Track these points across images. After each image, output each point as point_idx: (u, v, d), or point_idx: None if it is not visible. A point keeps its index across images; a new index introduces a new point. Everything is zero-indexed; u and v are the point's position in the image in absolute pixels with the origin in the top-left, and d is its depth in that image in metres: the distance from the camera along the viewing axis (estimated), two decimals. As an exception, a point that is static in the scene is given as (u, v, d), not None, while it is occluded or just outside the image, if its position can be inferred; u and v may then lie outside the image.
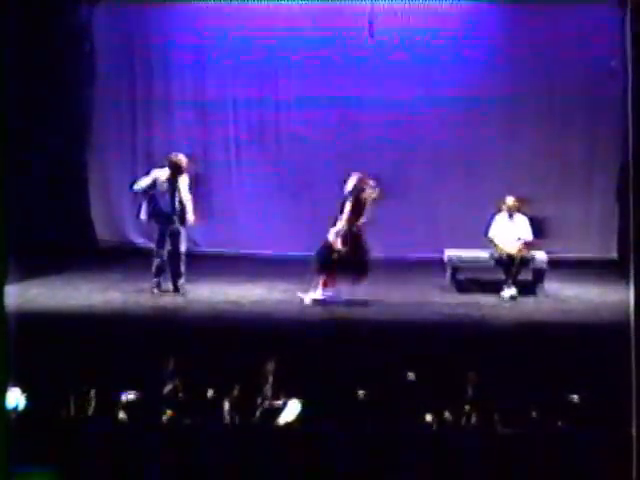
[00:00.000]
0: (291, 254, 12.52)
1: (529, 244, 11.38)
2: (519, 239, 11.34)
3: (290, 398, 6.24)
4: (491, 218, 11.44)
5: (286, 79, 13.62)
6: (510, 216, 11.39)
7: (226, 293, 10.98)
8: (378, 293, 11.02)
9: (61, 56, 13.27)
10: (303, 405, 6.15)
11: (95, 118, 13.81)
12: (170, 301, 10.61)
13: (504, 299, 10.90)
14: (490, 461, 5.49)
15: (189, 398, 6.32)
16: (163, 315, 10.06)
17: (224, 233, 13.72)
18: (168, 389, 6.46)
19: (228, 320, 9.87)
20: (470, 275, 11.65)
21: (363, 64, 13.28)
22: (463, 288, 11.41)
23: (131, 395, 6.20)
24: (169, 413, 6.16)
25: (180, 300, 10.66)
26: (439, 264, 11.84)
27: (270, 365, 6.57)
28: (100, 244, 13.90)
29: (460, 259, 11.62)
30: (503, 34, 13.28)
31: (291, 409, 6.18)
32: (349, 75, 13.33)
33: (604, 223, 13.35)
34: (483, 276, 11.48)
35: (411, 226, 13.48)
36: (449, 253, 11.71)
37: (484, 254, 11.43)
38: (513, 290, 10.99)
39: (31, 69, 12.77)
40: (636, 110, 4.28)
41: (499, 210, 11.45)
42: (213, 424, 6.04)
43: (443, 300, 10.85)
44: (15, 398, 6.02)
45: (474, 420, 5.99)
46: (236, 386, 6.34)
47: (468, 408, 6.08)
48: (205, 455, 5.63)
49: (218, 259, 13.01)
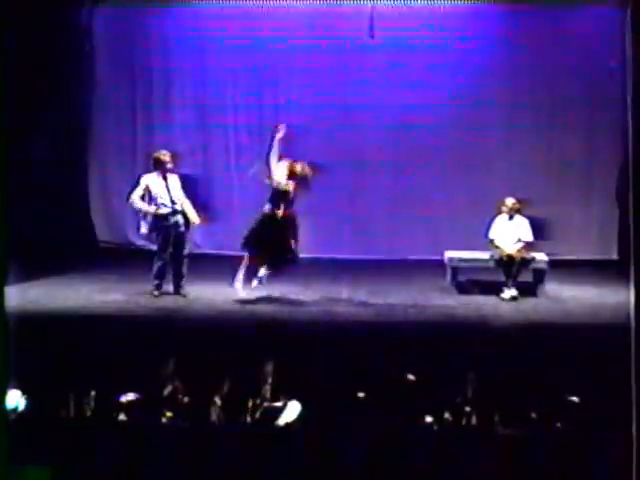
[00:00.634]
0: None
1: (529, 245, 11.39)
2: (519, 240, 11.35)
3: (290, 399, 6.23)
4: (491, 220, 11.45)
5: (286, 82, 13.63)
6: (510, 217, 11.39)
7: (226, 294, 10.97)
8: (379, 294, 11.03)
9: (61, 57, 13.29)
10: (303, 406, 6.14)
11: (95, 119, 13.84)
12: (170, 302, 10.61)
13: (504, 300, 10.91)
14: (490, 461, 5.49)
15: (189, 399, 6.31)
16: (163, 316, 10.06)
17: (224, 234, 13.71)
18: (168, 390, 6.44)
19: (228, 321, 9.88)
20: (470, 276, 11.67)
21: (363, 66, 13.31)
22: (463, 289, 11.42)
23: (131, 396, 6.19)
24: (169, 414, 6.16)
25: (180, 301, 10.66)
26: (439, 265, 11.86)
27: (270, 366, 6.57)
28: (100, 245, 13.92)
29: (460, 260, 11.64)
30: (503, 35, 13.29)
31: (291, 410, 6.17)
32: (349, 77, 13.35)
33: (604, 224, 13.37)
34: (483, 277, 11.49)
35: (412, 227, 13.49)
36: (449, 254, 11.72)
37: (484, 255, 11.44)
38: (513, 291, 10.99)
39: (31, 69, 12.78)
40: (636, 110, 4.28)
41: (499, 212, 11.46)
42: (213, 425, 6.03)
43: (443, 301, 10.85)
44: (15, 398, 6.01)
45: (474, 420, 5.98)
46: (236, 387, 6.33)
47: (468, 408, 6.07)
48: (205, 456, 5.63)
49: (218, 260, 13.01)
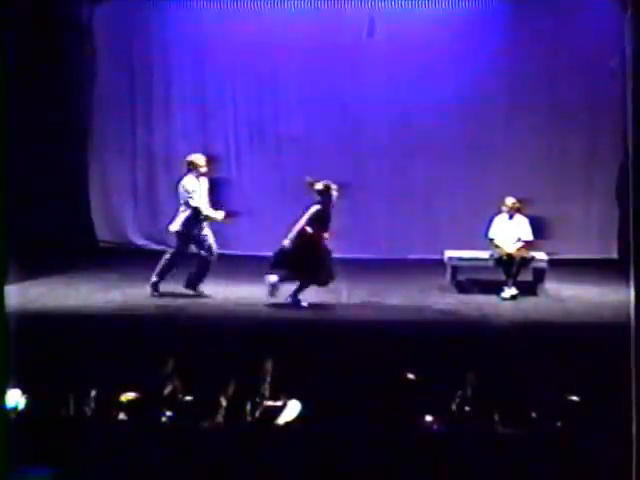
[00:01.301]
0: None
1: (529, 244, 11.38)
2: (519, 239, 11.34)
3: (290, 398, 6.23)
4: (491, 219, 11.45)
5: (286, 80, 13.63)
6: (510, 217, 11.39)
7: (226, 294, 10.97)
8: (378, 293, 11.03)
9: (61, 56, 13.28)
10: (303, 405, 6.14)
11: (95, 118, 13.83)
12: (170, 301, 10.60)
13: (504, 299, 10.91)
14: (490, 461, 5.49)
15: (189, 398, 6.31)
16: (163, 315, 10.05)
17: (224, 234, 13.71)
18: (168, 389, 6.44)
19: (229, 320, 9.87)
20: (470, 275, 11.67)
21: (363, 64, 13.30)
22: (463, 289, 11.42)
23: (131, 395, 6.19)
24: (169, 414, 6.16)
25: (180, 300, 10.65)
26: (439, 265, 11.86)
27: (270, 365, 6.57)
28: (100, 245, 13.92)
29: (460, 259, 11.64)
30: (503, 35, 13.30)
31: (291, 409, 6.17)
32: (349, 75, 13.35)
33: (604, 223, 13.36)
34: (483, 276, 11.49)
35: (411, 227, 13.50)
36: (449, 254, 11.72)
37: (484, 254, 11.44)
38: (513, 290, 10.99)
39: (31, 69, 12.77)
40: (636, 110, 4.28)
41: (499, 211, 11.46)
42: (213, 424, 6.03)
43: (443, 300, 10.85)
44: (15, 398, 6.01)
45: (474, 420, 5.98)
46: (236, 386, 6.33)
47: (468, 408, 6.07)
48: (205, 455, 5.62)
49: (218, 260, 13.00)
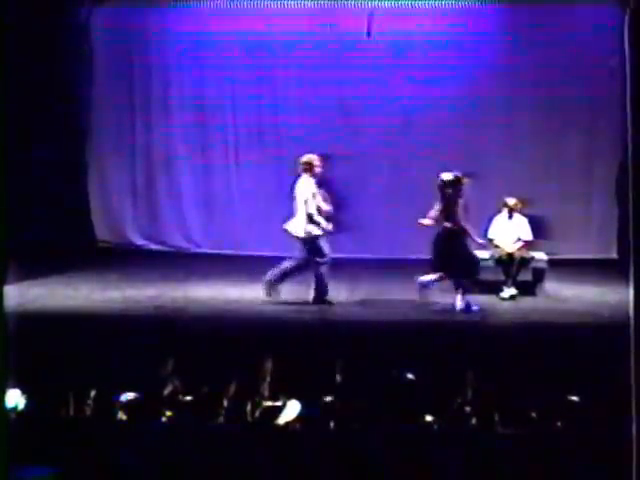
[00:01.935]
0: (291, 255, 12.52)
1: (529, 244, 11.39)
2: (519, 239, 11.35)
3: (289, 398, 6.24)
4: (491, 219, 11.44)
5: (285, 80, 13.63)
6: (510, 216, 11.40)
7: (226, 293, 10.98)
8: (378, 293, 11.03)
9: (61, 57, 13.28)
10: (302, 405, 6.15)
11: (94, 119, 13.83)
12: (170, 301, 10.61)
13: (504, 299, 10.91)
14: (490, 461, 5.49)
15: (189, 398, 6.31)
16: (163, 315, 10.06)
17: (224, 234, 13.74)
18: (168, 389, 6.44)
19: (228, 320, 9.88)
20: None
21: (362, 64, 13.29)
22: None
23: (131, 396, 6.19)
24: (169, 414, 6.16)
25: (180, 300, 10.65)
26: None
27: (269, 365, 6.57)
28: (100, 245, 13.92)
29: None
30: (503, 34, 13.30)
31: (291, 409, 6.17)
32: (348, 76, 13.34)
33: (604, 223, 13.36)
34: (483, 276, 11.47)
35: (411, 227, 13.47)
36: (449, 253, 11.69)
37: (484, 254, 11.43)
38: (513, 290, 11.00)
39: (31, 69, 12.77)
40: (635, 110, 4.28)
41: (499, 210, 11.46)
42: (213, 424, 6.04)
43: (443, 300, 10.85)
44: (15, 398, 6.01)
45: (474, 420, 5.98)
46: (236, 386, 6.33)
47: (468, 408, 6.07)
48: (205, 455, 5.63)
49: (218, 259, 13.03)
